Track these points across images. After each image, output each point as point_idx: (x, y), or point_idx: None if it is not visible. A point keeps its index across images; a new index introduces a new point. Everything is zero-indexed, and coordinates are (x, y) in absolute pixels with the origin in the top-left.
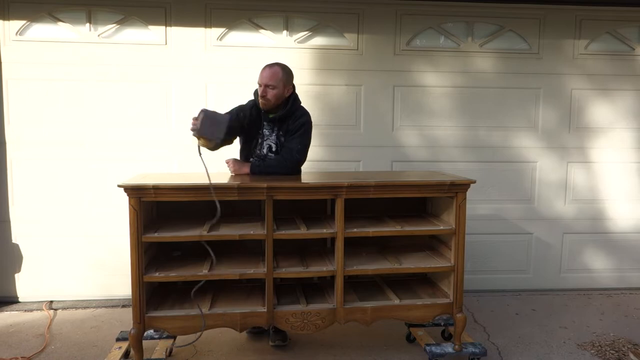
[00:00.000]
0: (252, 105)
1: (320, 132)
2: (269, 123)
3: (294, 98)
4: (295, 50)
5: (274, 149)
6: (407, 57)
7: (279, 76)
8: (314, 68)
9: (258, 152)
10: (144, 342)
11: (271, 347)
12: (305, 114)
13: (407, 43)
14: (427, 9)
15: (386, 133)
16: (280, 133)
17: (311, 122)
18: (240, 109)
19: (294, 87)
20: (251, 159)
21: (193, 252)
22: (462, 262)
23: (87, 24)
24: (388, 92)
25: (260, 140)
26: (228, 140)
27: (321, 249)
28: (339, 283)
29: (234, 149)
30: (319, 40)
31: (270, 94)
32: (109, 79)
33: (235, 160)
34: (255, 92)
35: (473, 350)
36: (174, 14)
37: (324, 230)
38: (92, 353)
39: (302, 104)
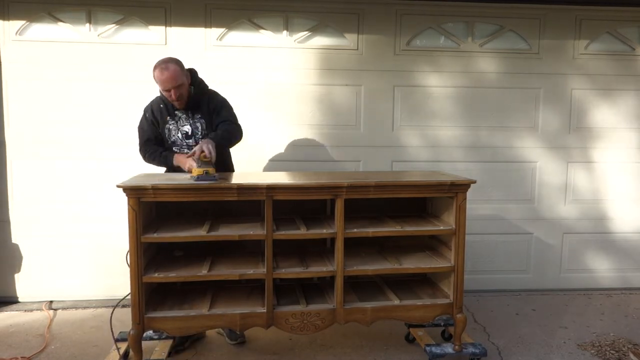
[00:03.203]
0: (156, 103)
1: (320, 132)
2: (181, 111)
3: (197, 83)
4: (295, 50)
5: (189, 133)
6: (407, 57)
7: (179, 73)
8: (314, 68)
9: (174, 139)
10: (143, 342)
11: (270, 347)
12: (216, 94)
13: (407, 43)
14: (427, 9)
15: (386, 133)
16: (198, 116)
17: (228, 102)
18: (148, 111)
19: (190, 72)
20: (173, 148)
21: (193, 252)
22: (462, 262)
23: (87, 24)
24: (388, 92)
25: (171, 129)
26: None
27: (321, 249)
28: (338, 283)
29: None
30: (319, 40)
31: (181, 91)
32: (108, 79)
33: (178, 155)
34: (159, 96)
35: (473, 350)
36: (173, 14)
37: (324, 231)
38: (92, 353)
39: (208, 86)
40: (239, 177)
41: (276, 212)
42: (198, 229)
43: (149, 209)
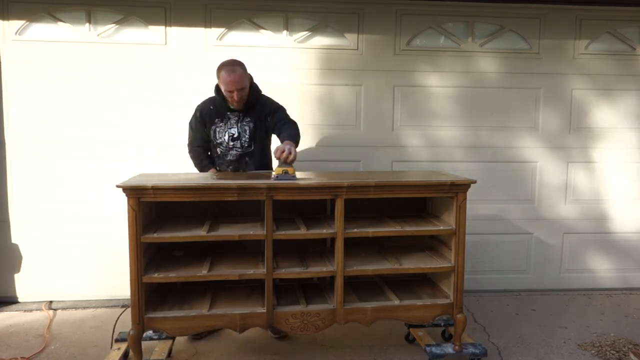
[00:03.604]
0: (208, 104)
1: (320, 132)
2: (232, 113)
3: (254, 87)
4: (295, 50)
5: (235, 135)
6: (407, 57)
7: (244, 76)
8: (314, 68)
9: (219, 140)
10: (143, 342)
11: (271, 347)
12: (268, 98)
13: (407, 43)
14: (427, 9)
15: (386, 133)
16: (248, 119)
17: (282, 105)
18: (199, 111)
19: (251, 77)
20: (221, 149)
21: (193, 252)
22: (462, 262)
23: (87, 24)
24: (388, 92)
25: (217, 131)
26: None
27: (321, 249)
28: (338, 283)
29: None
30: (319, 40)
31: (243, 94)
32: (108, 79)
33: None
34: (216, 90)
35: (473, 350)
36: (173, 13)
37: (324, 231)
38: (92, 353)
39: (262, 91)
40: (239, 177)
41: (276, 212)
42: (198, 229)
43: (149, 209)
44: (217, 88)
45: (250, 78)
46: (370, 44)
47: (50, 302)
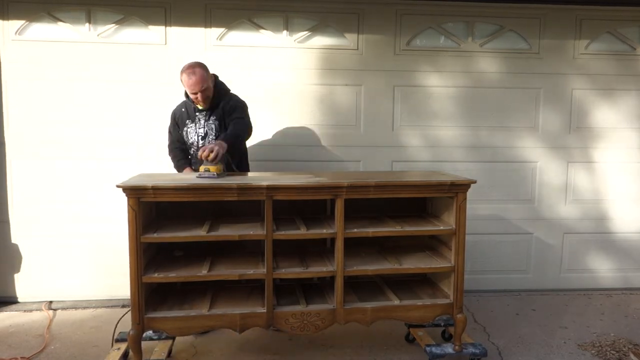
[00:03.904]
0: (180, 108)
1: (320, 132)
2: (200, 113)
3: (218, 86)
4: (295, 50)
5: (202, 134)
6: (407, 57)
7: (205, 76)
8: (314, 68)
9: (191, 140)
10: (143, 343)
11: (271, 347)
12: (234, 97)
13: (407, 43)
14: (427, 9)
15: (386, 133)
16: (213, 117)
17: (244, 103)
18: (172, 120)
19: (214, 76)
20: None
21: (193, 252)
22: (462, 262)
23: (87, 24)
24: (388, 92)
25: (188, 132)
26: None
27: (321, 249)
28: (338, 283)
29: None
30: (319, 40)
31: (207, 94)
32: (108, 78)
33: (186, 170)
34: (186, 93)
35: (473, 350)
36: (173, 13)
37: (324, 231)
38: (92, 353)
39: (229, 90)
40: (239, 177)
41: (276, 212)
42: (198, 229)
43: (149, 209)
44: (186, 93)
45: (214, 77)
46: (370, 44)
47: (50, 302)
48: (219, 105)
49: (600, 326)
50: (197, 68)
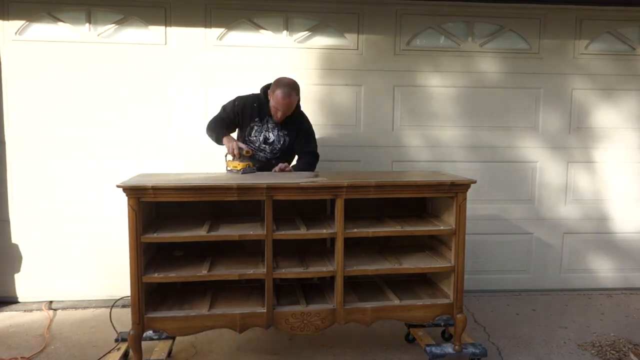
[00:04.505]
0: (253, 100)
1: (320, 132)
2: (271, 118)
3: (298, 104)
4: (295, 50)
5: (270, 140)
6: (407, 57)
7: (295, 103)
8: (314, 68)
9: (253, 138)
10: (143, 342)
11: (271, 347)
12: (304, 116)
13: (407, 43)
14: (427, 9)
15: (386, 133)
16: (285, 132)
17: (312, 128)
18: (240, 102)
19: (298, 98)
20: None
21: (193, 252)
22: (462, 262)
23: (87, 24)
24: (388, 92)
25: (254, 129)
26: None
27: (321, 249)
28: (338, 283)
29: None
30: (319, 40)
31: (287, 114)
32: (108, 79)
33: (227, 136)
34: (263, 90)
35: (473, 350)
36: (173, 14)
37: (324, 231)
38: (92, 353)
39: (300, 106)
40: (239, 177)
41: (276, 212)
42: (198, 229)
43: (149, 209)
44: (265, 91)
45: (298, 100)
46: (370, 44)
47: (50, 302)
48: (291, 121)
49: (600, 326)
50: (294, 93)
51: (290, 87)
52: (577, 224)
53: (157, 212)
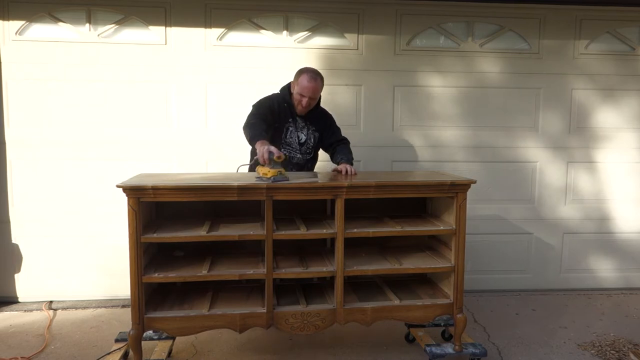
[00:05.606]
0: (281, 100)
1: None
2: (300, 118)
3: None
4: (295, 50)
5: (302, 140)
6: (407, 57)
7: (320, 88)
8: None
9: (289, 140)
10: (143, 342)
11: (270, 347)
12: (326, 110)
13: (407, 43)
14: (427, 9)
15: (386, 133)
16: (313, 128)
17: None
18: (271, 103)
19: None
20: (283, 149)
21: (193, 252)
22: (462, 262)
23: (87, 24)
24: (388, 92)
25: (289, 130)
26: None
27: (321, 249)
28: (338, 284)
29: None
30: (319, 40)
31: (312, 103)
32: (108, 79)
33: (261, 141)
34: (285, 89)
35: (473, 350)
36: (173, 14)
37: (324, 231)
38: (92, 353)
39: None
40: (239, 177)
41: (276, 212)
42: (198, 229)
43: (149, 209)
44: (288, 90)
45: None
46: (370, 44)
47: (50, 302)
48: (314, 115)
49: (600, 326)
50: (319, 78)
51: (315, 72)
52: (577, 224)
53: (157, 212)
